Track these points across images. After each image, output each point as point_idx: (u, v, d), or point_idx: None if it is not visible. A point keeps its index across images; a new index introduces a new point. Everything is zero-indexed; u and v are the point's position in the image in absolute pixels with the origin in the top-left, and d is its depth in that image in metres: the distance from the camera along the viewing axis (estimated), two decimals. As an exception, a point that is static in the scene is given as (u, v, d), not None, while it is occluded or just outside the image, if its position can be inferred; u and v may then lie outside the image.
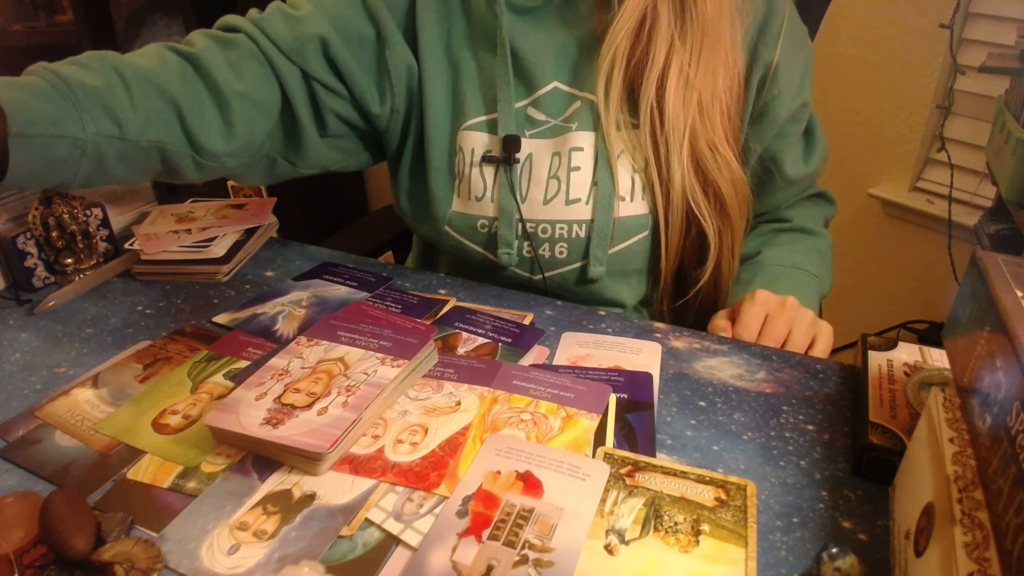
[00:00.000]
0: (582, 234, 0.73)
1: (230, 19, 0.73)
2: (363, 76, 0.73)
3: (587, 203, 0.72)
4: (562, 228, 0.73)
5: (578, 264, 0.75)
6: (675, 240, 0.73)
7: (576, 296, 0.78)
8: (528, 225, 0.73)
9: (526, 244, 0.75)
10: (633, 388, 0.60)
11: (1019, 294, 0.39)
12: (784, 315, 0.69)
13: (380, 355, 0.59)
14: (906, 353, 0.61)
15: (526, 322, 0.71)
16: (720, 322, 0.72)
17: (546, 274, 0.76)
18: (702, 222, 0.72)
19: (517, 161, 0.73)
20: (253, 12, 0.73)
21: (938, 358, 0.60)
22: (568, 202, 0.72)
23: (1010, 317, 0.37)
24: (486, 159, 0.73)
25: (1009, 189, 1.07)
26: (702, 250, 0.75)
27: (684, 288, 0.78)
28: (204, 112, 0.68)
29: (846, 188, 1.58)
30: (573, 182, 0.72)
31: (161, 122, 0.65)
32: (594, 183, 0.72)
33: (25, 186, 0.59)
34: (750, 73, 0.72)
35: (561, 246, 0.74)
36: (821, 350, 0.69)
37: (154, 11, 1.92)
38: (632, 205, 0.73)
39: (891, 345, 0.62)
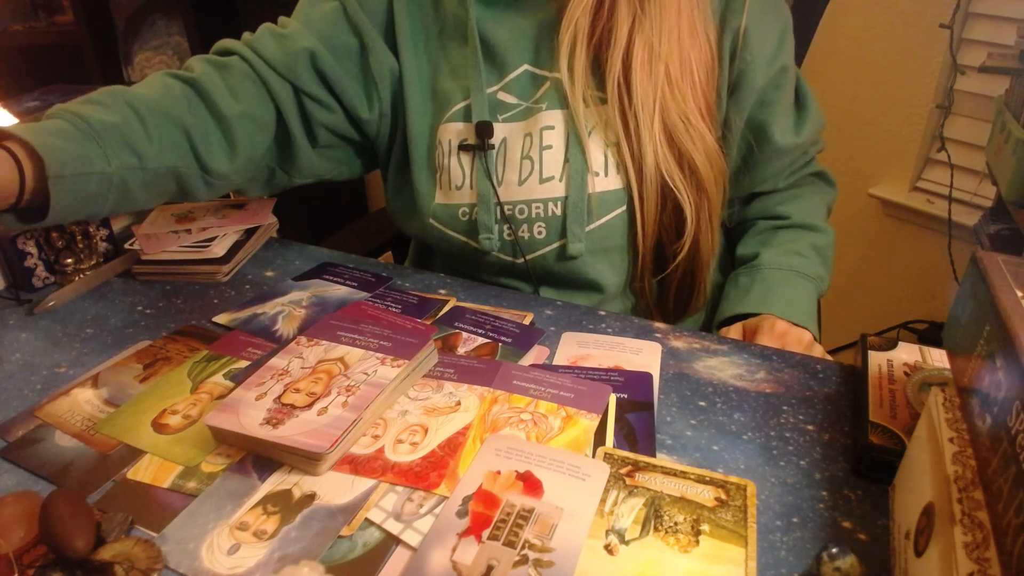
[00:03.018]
0: (558, 211, 0.74)
1: (225, 43, 0.77)
2: (351, 84, 0.77)
3: (560, 180, 0.73)
4: (538, 207, 0.74)
5: (557, 243, 0.75)
6: (651, 215, 0.74)
7: (559, 279, 0.79)
8: (506, 207, 0.75)
9: (506, 228, 0.76)
10: (633, 388, 0.60)
11: (1019, 294, 0.39)
12: (799, 350, 0.69)
13: (380, 355, 0.59)
14: (906, 353, 0.61)
15: (526, 322, 0.71)
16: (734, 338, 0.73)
17: (528, 256, 0.77)
18: (678, 196, 0.72)
19: (492, 147, 0.74)
20: (246, 35, 0.77)
21: (938, 358, 0.60)
22: (542, 180, 0.74)
23: (1010, 317, 0.37)
24: (462, 147, 0.75)
25: (1009, 189, 1.06)
26: (679, 224, 0.74)
27: (664, 264, 0.78)
28: (209, 135, 0.72)
29: (846, 188, 1.57)
30: (546, 160, 0.73)
31: (174, 148, 0.69)
32: (566, 160, 0.73)
33: (61, 221, 0.64)
34: (721, 43, 0.72)
35: (539, 226, 0.75)
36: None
37: (154, 11, 1.92)
38: (607, 180, 0.73)
39: (891, 345, 0.62)
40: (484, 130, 0.74)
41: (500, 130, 0.75)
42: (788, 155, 0.79)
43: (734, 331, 0.75)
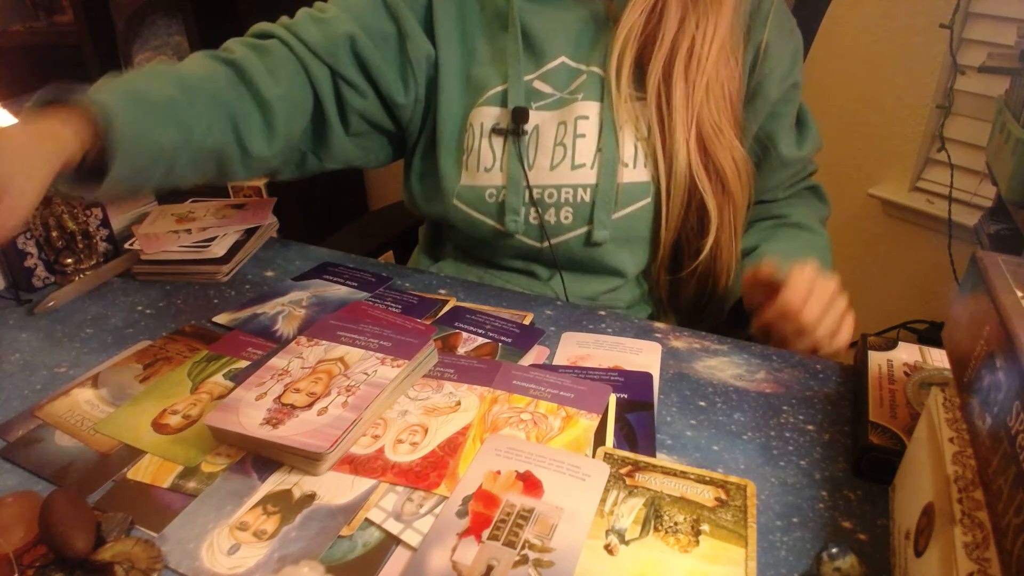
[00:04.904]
0: (587, 198, 0.76)
1: (262, 26, 0.78)
2: (388, 69, 0.78)
3: (592, 168, 0.75)
4: (567, 192, 0.76)
5: (583, 229, 0.77)
6: (676, 210, 0.76)
7: (580, 264, 0.80)
8: (535, 191, 0.77)
9: (533, 211, 0.78)
10: (633, 388, 0.60)
11: (1019, 294, 0.39)
12: (826, 297, 0.67)
13: (380, 355, 0.59)
14: (906, 353, 0.61)
15: (526, 322, 0.71)
16: (775, 262, 0.69)
17: (552, 240, 0.79)
18: (704, 196, 0.75)
19: (525, 133, 0.76)
20: (284, 19, 0.79)
21: (938, 358, 0.60)
22: (574, 167, 0.76)
23: (1010, 317, 0.37)
24: (496, 131, 0.77)
25: (1009, 189, 1.06)
26: (703, 224, 0.77)
27: (684, 262, 0.80)
28: (250, 118, 0.72)
29: (846, 188, 1.58)
30: (579, 148, 0.76)
31: (219, 129, 0.69)
32: (598, 149, 0.75)
33: (110, 195, 0.62)
34: (744, 56, 0.75)
35: (567, 211, 0.77)
36: (841, 341, 0.67)
37: (154, 11, 1.91)
38: (635, 172, 0.76)
39: (891, 345, 0.62)
40: (520, 116, 0.76)
41: (534, 117, 0.77)
42: (791, 167, 0.83)
43: (767, 265, 0.69)
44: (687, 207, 0.76)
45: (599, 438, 0.54)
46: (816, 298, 0.67)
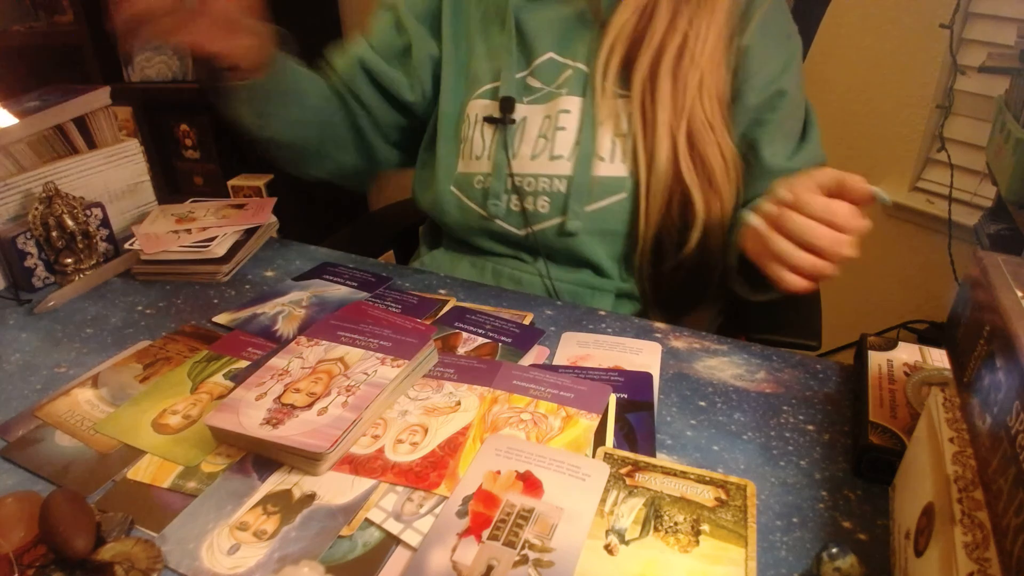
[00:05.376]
0: (562, 189, 0.79)
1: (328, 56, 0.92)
2: (395, 74, 0.87)
3: (568, 160, 0.78)
4: (545, 182, 0.79)
5: (558, 219, 0.80)
6: (656, 207, 0.76)
7: (559, 254, 0.82)
8: (516, 179, 0.80)
9: (514, 198, 0.81)
10: (633, 388, 0.60)
11: (1019, 294, 0.39)
12: (850, 254, 0.62)
13: (380, 355, 0.59)
14: (906, 353, 0.61)
15: (526, 322, 0.71)
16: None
17: (532, 228, 0.81)
18: (691, 191, 0.75)
19: (513, 121, 0.81)
20: (335, 48, 0.92)
21: (938, 358, 0.60)
22: (552, 158, 0.79)
23: (1010, 317, 0.37)
24: (486, 120, 0.82)
25: (1009, 189, 1.07)
26: (686, 220, 0.77)
27: (667, 257, 0.80)
28: (328, 130, 0.88)
29: (846, 188, 1.57)
30: (558, 140, 0.79)
31: (318, 122, 0.87)
32: (577, 143, 0.78)
33: (245, 100, 0.79)
34: (727, 58, 0.76)
35: (544, 199, 0.80)
36: (798, 284, 0.61)
37: (154, 11, 1.91)
38: (611, 166, 0.77)
39: (891, 345, 0.62)
40: (507, 105, 0.80)
41: (522, 110, 0.81)
42: (777, 177, 0.76)
43: (860, 178, 0.63)
44: (669, 203, 0.77)
45: (599, 438, 0.54)
46: (850, 243, 0.61)
